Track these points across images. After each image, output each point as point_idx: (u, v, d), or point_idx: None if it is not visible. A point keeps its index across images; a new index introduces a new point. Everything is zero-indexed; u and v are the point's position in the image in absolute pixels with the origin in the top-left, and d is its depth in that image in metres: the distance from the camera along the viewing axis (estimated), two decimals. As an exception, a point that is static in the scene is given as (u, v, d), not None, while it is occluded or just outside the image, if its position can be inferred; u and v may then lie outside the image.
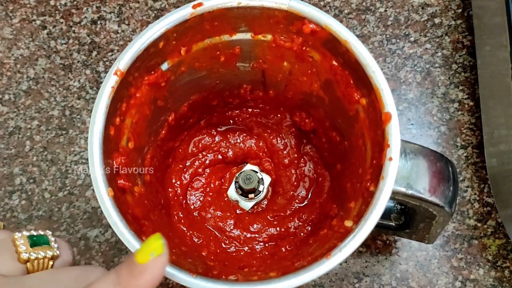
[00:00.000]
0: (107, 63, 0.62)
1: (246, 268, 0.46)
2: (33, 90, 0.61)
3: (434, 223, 0.44)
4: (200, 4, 0.41)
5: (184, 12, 0.41)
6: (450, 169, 0.41)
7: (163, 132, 0.49)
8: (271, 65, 0.47)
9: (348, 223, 0.38)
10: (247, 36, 0.44)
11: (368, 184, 0.39)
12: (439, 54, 0.61)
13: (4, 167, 0.59)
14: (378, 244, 0.56)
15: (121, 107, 0.41)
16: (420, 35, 0.62)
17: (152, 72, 0.43)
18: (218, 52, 0.46)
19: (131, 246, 0.37)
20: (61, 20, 0.64)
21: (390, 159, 0.37)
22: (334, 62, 0.42)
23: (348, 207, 0.41)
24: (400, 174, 0.38)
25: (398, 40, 0.62)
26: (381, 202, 0.36)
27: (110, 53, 0.62)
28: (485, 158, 0.56)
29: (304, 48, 0.44)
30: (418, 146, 0.41)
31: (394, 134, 0.37)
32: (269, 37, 0.44)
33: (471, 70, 0.60)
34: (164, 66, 0.44)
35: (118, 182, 0.40)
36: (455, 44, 0.62)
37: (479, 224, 0.56)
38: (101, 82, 0.60)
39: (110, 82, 0.40)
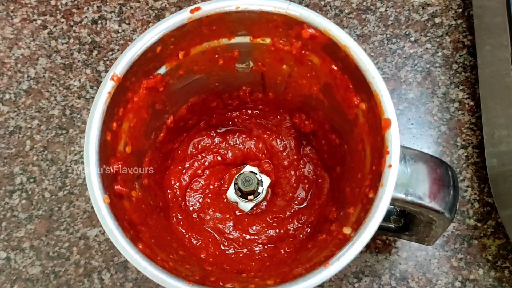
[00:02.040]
0: (108, 62, 0.62)
1: (245, 272, 0.45)
2: (34, 90, 0.61)
3: (434, 227, 0.44)
4: (198, 9, 0.41)
5: (182, 17, 0.41)
6: (450, 174, 0.41)
7: (162, 135, 0.49)
8: (270, 68, 0.47)
9: (347, 230, 0.38)
10: (246, 39, 0.44)
11: (367, 190, 0.39)
12: (440, 53, 0.61)
13: (4, 166, 0.59)
14: (378, 244, 0.56)
15: (118, 112, 0.41)
16: (421, 35, 0.62)
17: (150, 77, 0.43)
18: (216, 55, 0.45)
19: (127, 254, 0.37)
20: (62, 20, 0.64)
21: (390, 166, 0.37)
22: (334, 67, 0.42)
23: (347, 213, 0.41)
24: (400, 181, 0.38)
25: (398, 40, 0.62)
26: (380, 210, 0.36)
27: (110, 53, 0.62)
28: (486, 158, 0.55)
29: (303, 52, 0.43)
30: (418, 152, 0.40)
31: (394, 141, 0.37)
32: (268, 40, 0.44)
33: (472, 70, 0.60)
34: (162, 70, 0.43)
35: (115, 187, 0.40)
36: (456, 43, 0.61)
37: (479, 224, 0.56)
38: (102, 82, 0.60)
39: (106, 88, 0.39)
